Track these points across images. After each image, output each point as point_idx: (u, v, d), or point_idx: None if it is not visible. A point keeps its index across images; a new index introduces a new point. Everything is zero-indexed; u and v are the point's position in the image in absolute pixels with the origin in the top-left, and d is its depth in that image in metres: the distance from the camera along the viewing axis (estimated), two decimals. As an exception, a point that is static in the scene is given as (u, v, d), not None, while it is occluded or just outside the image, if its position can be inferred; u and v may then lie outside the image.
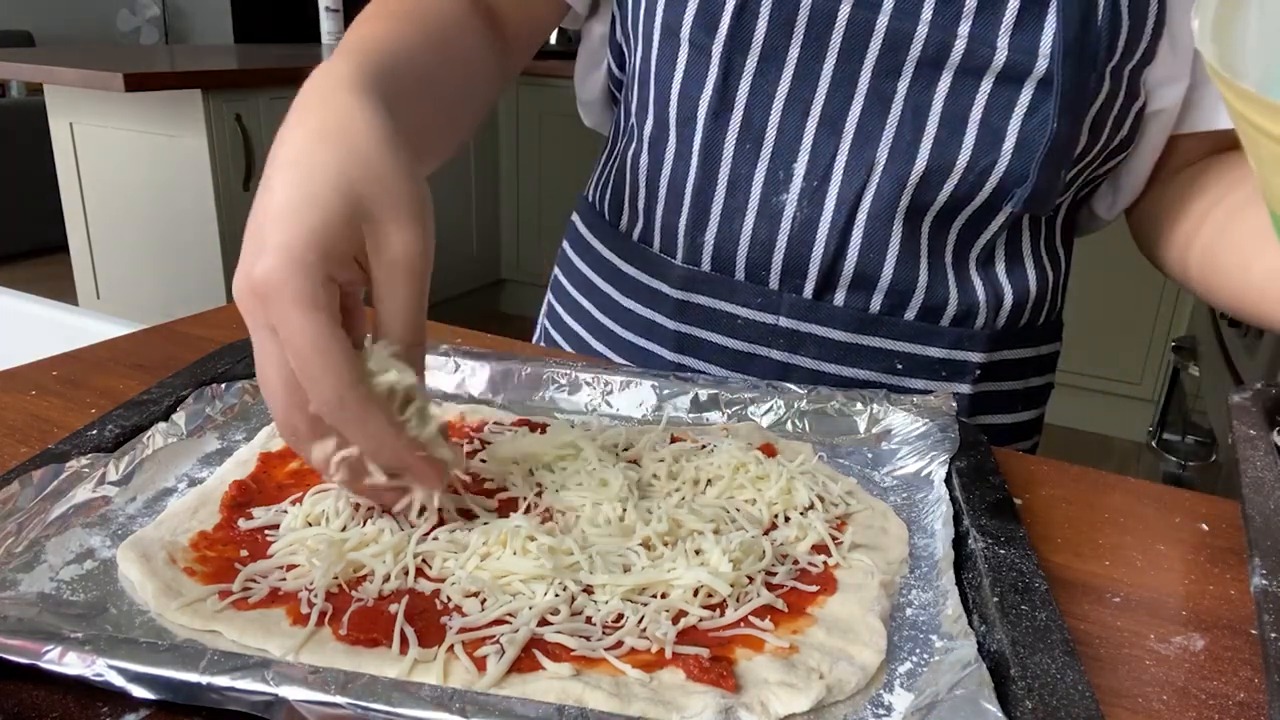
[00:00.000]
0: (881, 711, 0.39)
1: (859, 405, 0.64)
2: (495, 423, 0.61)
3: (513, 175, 3.61)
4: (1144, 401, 2.88)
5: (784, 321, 0.71)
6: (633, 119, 0.76)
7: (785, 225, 0.68)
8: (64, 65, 2.38)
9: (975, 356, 0.71)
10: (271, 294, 0.41)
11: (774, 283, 0.70)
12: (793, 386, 0.65)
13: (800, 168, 0.67)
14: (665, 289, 0.74)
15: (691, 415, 0.65)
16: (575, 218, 0.87)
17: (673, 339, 0.74)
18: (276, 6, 5.09)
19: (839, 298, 0.70)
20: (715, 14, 0.65)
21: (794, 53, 0.65)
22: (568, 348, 0.84)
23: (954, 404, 0.62)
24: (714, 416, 0.65)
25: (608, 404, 0.66)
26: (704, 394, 0.66)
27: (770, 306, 0.71)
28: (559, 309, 0.86)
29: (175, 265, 2.66)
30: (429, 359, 0.68)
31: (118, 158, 2.64)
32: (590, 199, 0.85)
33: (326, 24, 3.61)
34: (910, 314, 0.70)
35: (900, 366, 0.71)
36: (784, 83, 0.66)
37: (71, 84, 2.38)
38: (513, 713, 0.34)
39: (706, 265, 0.72)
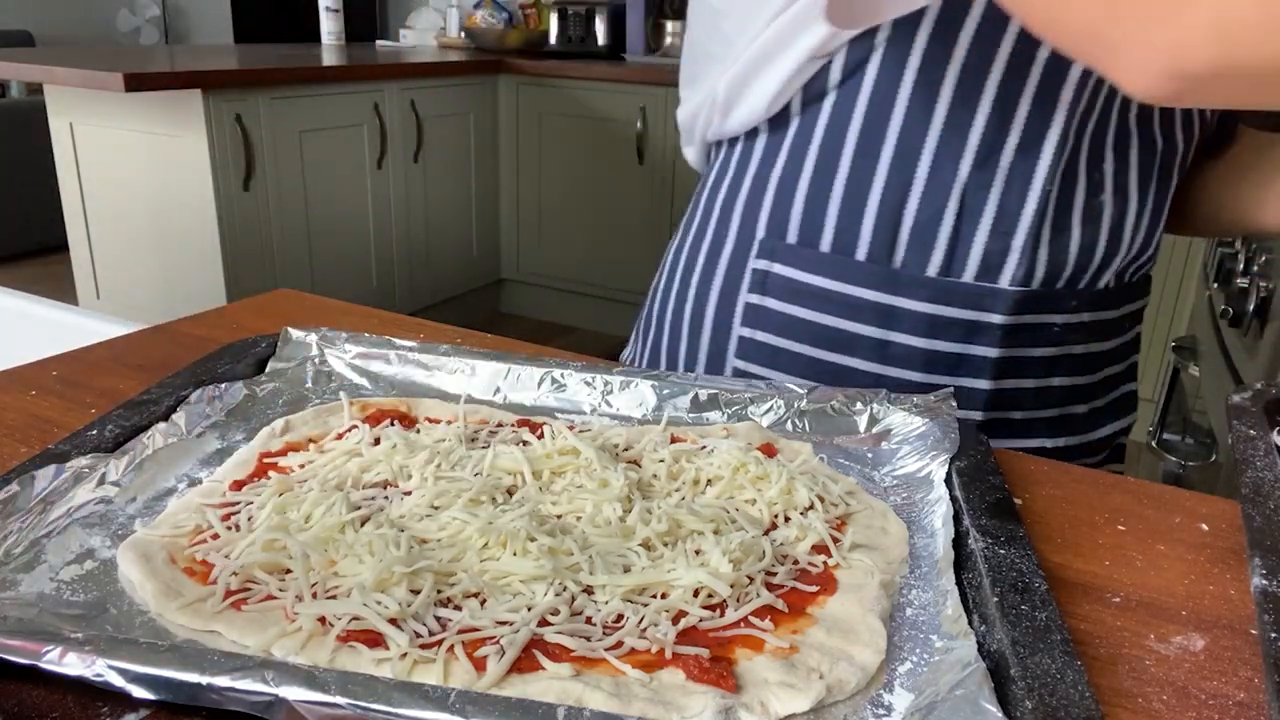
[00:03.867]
0: (881, 711, 0.39)
1: (859, 405, 0.64)
2: (496, 423, 0.62)
3: (513, 175, 3.61)
4: (1144, 401, 2.87)
5: (1085, 316, 0.72)
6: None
7: (1104, 227, 0.70)
8: (64, 65, 2.38)
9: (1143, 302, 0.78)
10: None
11: (1084, 284, 0.71)
12: (793, 386, 0.65)
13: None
14: (991, 318, 0.69)
15: (691, 415, 0.65)
16: (779, 267, 0.73)
17: (993, 368, 0.71)
18: (276, 6, 5.09)
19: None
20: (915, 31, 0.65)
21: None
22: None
23: (954, 404, 0.62)
24: (714, 416, 0.65)
25: (608, 404, 0.66)
26: (704, 394, 0.66)
27: (1062, 307, 0.71)
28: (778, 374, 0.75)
29: (175, 265, 2.66)
30: (429, 359, 0.68)
31: (118, 158, 2.64)
32: (818, 243, 0.71)
33: (326, 24, 3.62)
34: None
35: (1128, 325, 0.77)
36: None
37: (71, 84, 2.38)
38: (513, 713, 0.34)
39: (1037, 283, 0.69)
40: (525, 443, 0.58)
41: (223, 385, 0.62)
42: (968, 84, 0.65)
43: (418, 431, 0.59)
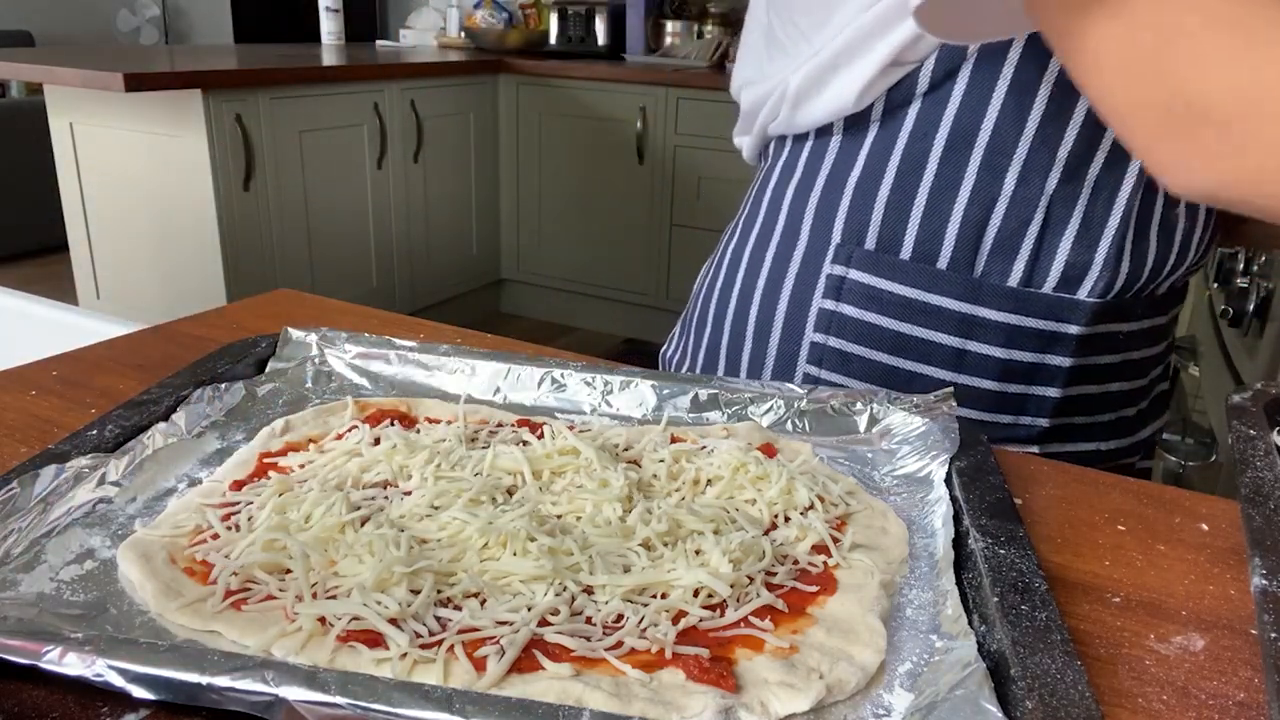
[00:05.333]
0: (881, 711, 0.39)
1: (859, 405, 0.64)
2: (496, 423, 0.62)
3: (513, 175, 3.61)
4: (1144, 401, 2.87)
5: (1145, 323, 0.73)
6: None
7: (1177, 238, 0.70)
8: (64, 65, 2.38)
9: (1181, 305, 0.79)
10: None
11: (1150, 290, 0.71)
12: (793, 386, 0.65)
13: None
14: (1069, 329, 0.70)
15: (691, 415, 0.65)
16: (856, 273, 0.72)
17: (1065, 376, 0.71)
18: (276, 6, 5.09)
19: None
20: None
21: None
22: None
23: (954, 403, 0.62)
24: (714, 416, 0.65)
25: (608, 404, 0.66)
26: (704, 394, 0.66)
27: (1131, 315, 0.72)
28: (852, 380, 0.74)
29: (175, 265, 2.65)
30: (429, 359, 0.68)
31: (118, 158, 2.64)
32: (898, 250, 0.71)
33: (326, 24, 3.62)
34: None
35: (1171, 327, 0.78)
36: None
37: (71, 84, 2.38)
38: (513, 713, 0.34)
39: (1114, 294, 0.69)
40: (525, 443, 0.58)
41: (223, 385, 0.62)
42: (1059, 99, 0.64)
43: (418, 431, 0.59)
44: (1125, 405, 0.75)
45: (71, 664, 0.36)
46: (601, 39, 3.64)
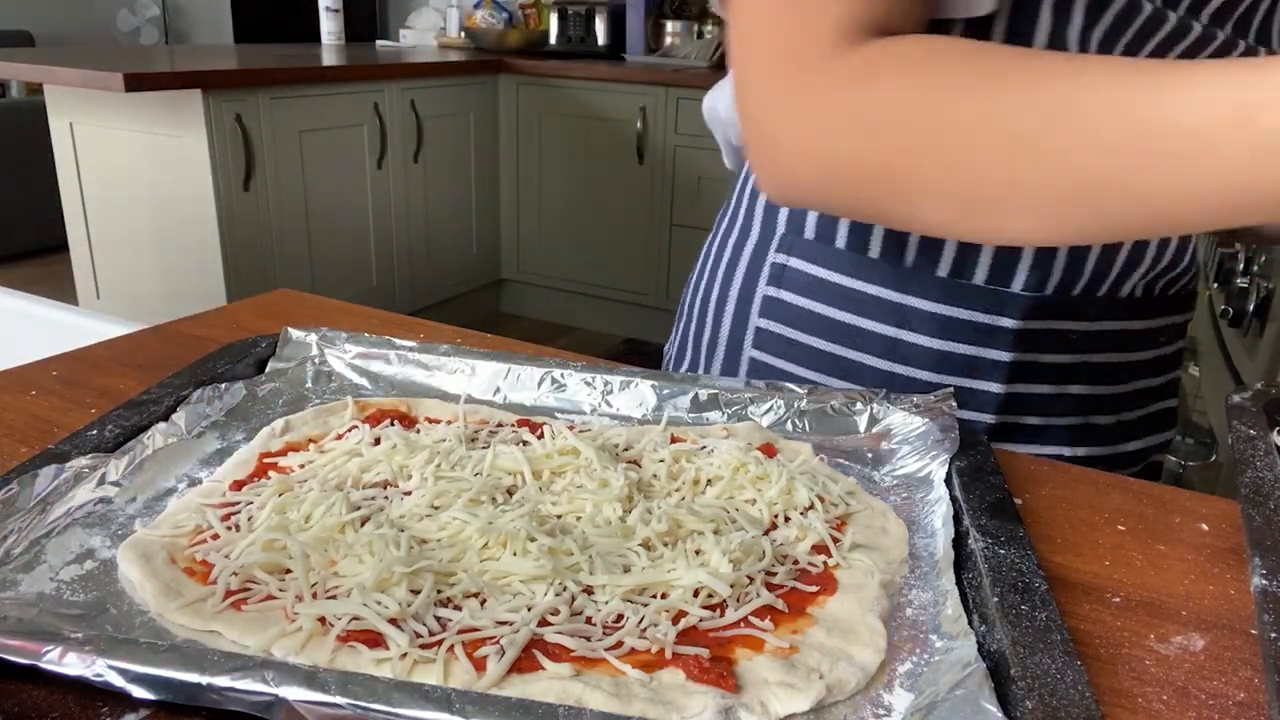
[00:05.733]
0: (881, 711, 0.39)
1: (859, 405, 0.64)
2: (496, 423, 0.62)
3: (513, 175, 3.61)
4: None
5: (1108, 325, 0.72)
6: None
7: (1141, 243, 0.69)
8: (64, 65, 2.38)
9: (1183, 318, 0.78)
10: None
11: (1103, 292, 0.70)
12: (793, 387, 0.65)
13: None
14: (1003, 322, 0.69)
15: (691, 415, 0.65)
16: (795, 261, 0.75)
17: (1006, 372, 0.70)
18: (276, 6, 5.09)
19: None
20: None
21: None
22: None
23: (954, 404, 0.62)
24: (714, 416, 0.65)
25: (608, 404, 0.66)
26: (704, 394, 0.66)
27: (1082, 315, 0.71)
28: (789, 366, 0.76)
29: (175, 265, 2.66)
30: (429, 359, 0.68)
31: (118, 158, 2.64)
32: (834, 238, 0.73)
33: (326, 24, 3.62)
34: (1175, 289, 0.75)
35: (1163, 339, 0.76)
36: None
37: (71, 84, 2.38)
38: (513, 713, 0.34)
39: (1052, 289, 0.69)
40: (525, 443, 0.58)
41: (223, 385, 0.62)
42: None
43: (418, 431, 0.59)
44: (1094, 411, 0.74)
45: (71, 664, 0.36)
46: (601, 39, 3.64)
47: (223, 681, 0.35)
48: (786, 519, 0.52)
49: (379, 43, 4.18)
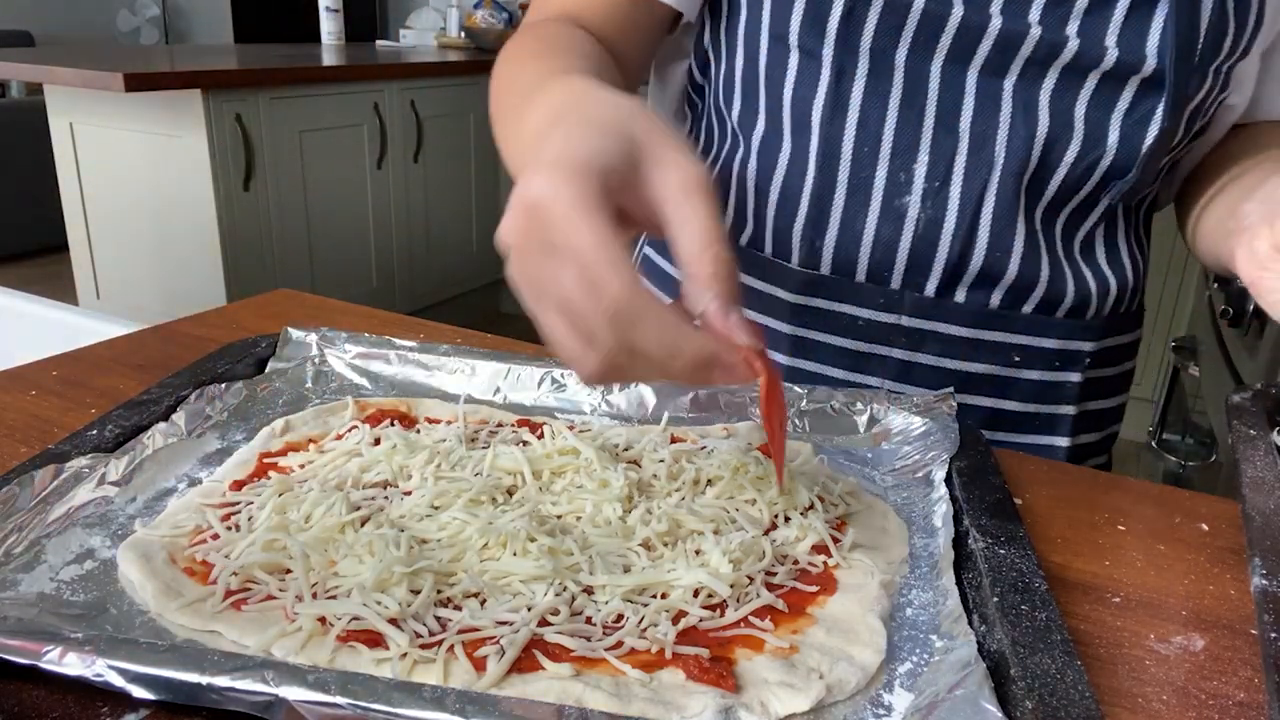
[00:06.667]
0: (881, 711, 0.39)
1: (859, 405, 0.64)
2: (496, 423, 0.62)
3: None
4: (1144, 401, 2.88)
5: (906, 320, 0.71)
6: (733, 124, 0.75)
7: (909, 226, 0.68)
8: (64, 65, 2.38)
9: (1087, 345, 0.73)
10: (548, 203, 0.39)
11: (896, 282, 0.70)
12: (794, 386, 0.65)
13: (920, 169, 0.68)
14: (781, 294, 0.72)
15: (691, 415, 0.65)
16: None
17: (788, 343, 0.73)
18: (276, 6, 5.09)
19: (961, 295, 0.70)
20: (823, 18, 0.65)
21: (902, 56, 0.65)
22: None
23: (954, 404, 0.62)
24: (714, 416, 0.65)
25: (608, 404, 0.66)
26: (704, 394, 0.66)
27: (892, 306, 0.70)
28: None
29: (175, 265, 2.65)
30: (429, 359, 0.69)
31: (118, 158, 2.64)
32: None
33: (326, 24, 3.61)
34: (1029, 308, 0.71)
35: (1018, 359, 0.72)
36: (896, 85, 0.66)
37: (71, 84, 2.38)
38: (512, 713, 0.34)
39: (826, 268, 0.71)
40: (525, 443, 0.58)
41: (223, 385, 0.62)
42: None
43: (418, 431, 0.59)
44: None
45: (71, 664, 0.36)
46: (601, 39, 3.64)
47: (223, 681, 0.35)
48: (786, 519, 0.52)
49: (379, 43, 4.18)
